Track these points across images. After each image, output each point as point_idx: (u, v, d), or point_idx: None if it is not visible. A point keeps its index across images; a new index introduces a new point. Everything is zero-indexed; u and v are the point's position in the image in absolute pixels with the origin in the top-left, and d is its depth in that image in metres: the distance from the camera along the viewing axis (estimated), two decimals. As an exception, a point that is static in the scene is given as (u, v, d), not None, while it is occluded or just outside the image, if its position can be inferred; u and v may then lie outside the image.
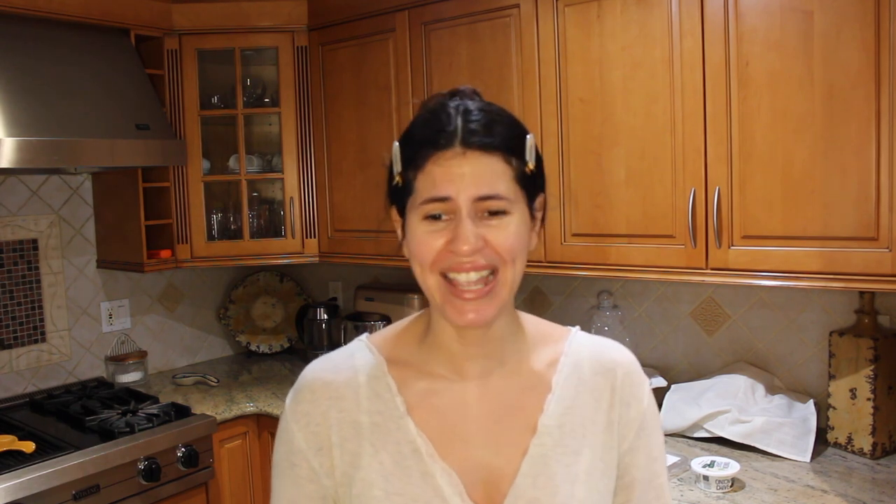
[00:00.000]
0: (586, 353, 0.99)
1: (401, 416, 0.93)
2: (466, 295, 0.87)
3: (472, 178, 0.86)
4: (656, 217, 2.02)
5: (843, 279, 1.74)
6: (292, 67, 2.80)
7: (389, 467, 0.91)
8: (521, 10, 2.22)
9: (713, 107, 1.89)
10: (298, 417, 0.95)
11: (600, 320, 2.45)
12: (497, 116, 0.91)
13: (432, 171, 0.87)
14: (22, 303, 2.68)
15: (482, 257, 0.87)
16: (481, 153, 0.87)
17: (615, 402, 0.97)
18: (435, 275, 0.89)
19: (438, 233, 0.88)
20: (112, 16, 2.54)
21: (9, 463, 2.04)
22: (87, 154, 2.28)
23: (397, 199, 0.93)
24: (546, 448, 0.92)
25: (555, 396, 0.95)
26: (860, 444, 1.94)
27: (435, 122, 0.90)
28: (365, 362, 0.97)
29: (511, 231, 0.89)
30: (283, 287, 3.39)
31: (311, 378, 0.97)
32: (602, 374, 0.98)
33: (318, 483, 0.94)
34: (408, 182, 0.90)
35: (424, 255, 0.89)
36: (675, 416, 2.15)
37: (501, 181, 0.88)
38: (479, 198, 0.86)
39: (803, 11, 1.74)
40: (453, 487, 0.89)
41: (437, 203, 0.87)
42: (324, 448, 0.93)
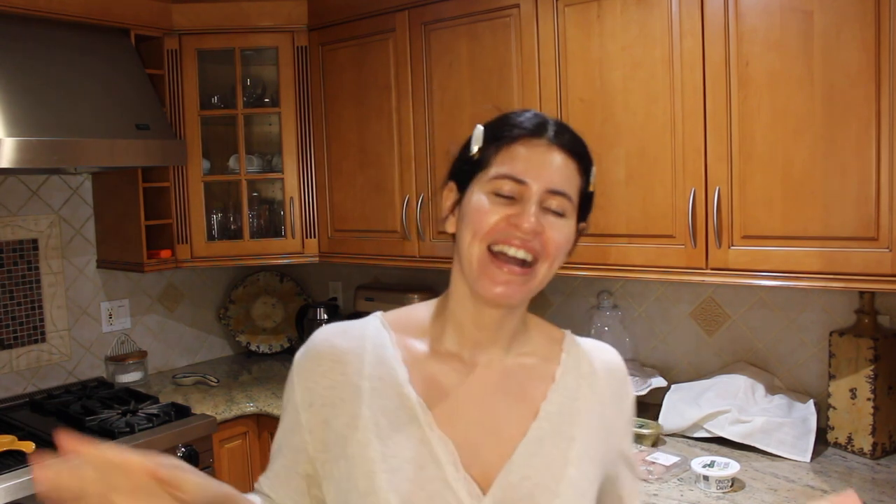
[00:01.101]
0: (584, 352, 1.07)
1: (401, 384, 0.97)
2: (506, 268, 0.92)
3: (552, 170, 0.93)
4: (656, 217, 2.02)
5: (843, 279, 1.74)
6: (292, 67, 2.80)
7: (386, 430, 0.94)
8: (521, 10, 2.22)
9: (713, 107, 1.90)
10: (300, 371, 1.01)
11: (600, 320, 2.45)
12: (582, 140, 0.99)
13: (517, 151, 0.93)
14: (22, 303, 2.68)
15: (535, 241, 0.92)
16: (565, 154, 0.95)
17: (611, 400, 1.05)
18: (483, 245, 0.93)
19: (501, 209, 0.92)
20: (112, 16, 2.54)
21: (9, 463, 2.03)
22: (87, 154, 2.28)
23: (463, 174, 0.98)
24: (544, 432, 0.97)
25: (557, 387, 1.01)
26: (860, 444, 1.94)
27: (530, 116, 0.97)
28: (375, 333, 1.02)
29: (564, 232, 0.96)
30: (283, 287, 3.39)
31: (321, 338, 1.02)
32: (599, 372, 1.05)
33: (299, 436, 0.99)
34: (485, 157, 0.95)
35: (481, 223, 0.92)
36: (675, 416, 2.15)
37: (572, 185, 0.95)
38: (551, 190, 0.93)
39: (803, 11, 1.74)
40: (448, 456, 0.93)
41: (512, 182, 0.92)
42: (315, 405, 0.98)
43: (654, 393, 2.30)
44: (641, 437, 2.09)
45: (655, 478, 1.86)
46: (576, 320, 2.60)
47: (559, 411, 0.99)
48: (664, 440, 2.13)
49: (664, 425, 2.15)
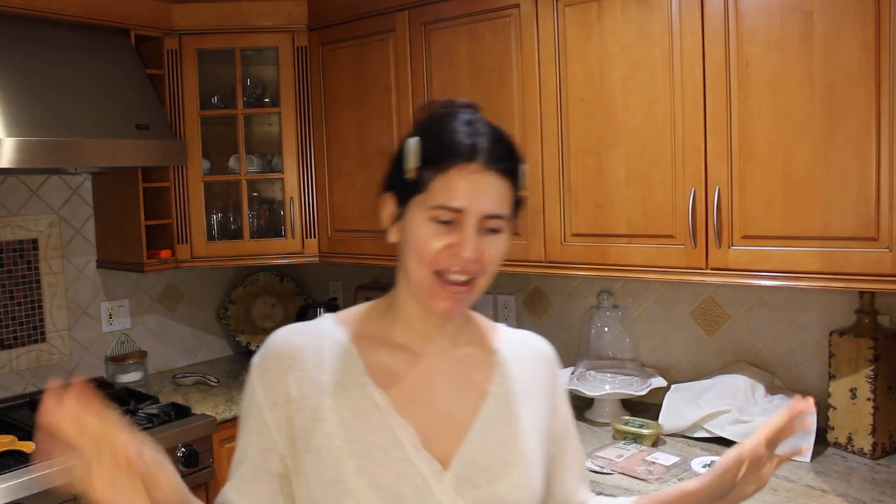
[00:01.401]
0: (518, 341, 1.18)
1: (361, 375, 1.04)
2: (450, 288, 0.99)
3: (486, 196, 0.98)
4: (656, 217, 2.02)
5: (843, 279, 1.74)
6: (292, 67, 2.80)
7: (350, 419, 1.00)
8: (521, 10, 2.22)
9: (713, 106, 1.90)
10: (262, 373, 1.04)
11: (600, 320, 2.45)
12: (511, 143, 1.03)
13: (453, 180, 0.97)
14: (22, 303, 2.67)
15: (474, 266, 0.99)
16: (498, 175, 0.99)
17: (547, 381, 1.16)
18: (428, 270, 0.99)
19: (441, 236, 0.98)
20: (112, 16, 2.54)
21: (9, 463, 2.03)
22: (87, 154, 2.28)
23: (400, 190, 1.02)
24: (493, 410, 1.07)
25: (500, 370, 1.11)
26: (860, 444, 1.94)
27: (465, 133, 0.99)
28: (330, 332, 1.08)
29: (500, 248, 1.02)
30: (283, 287, 3.39)
31: (278, 339, 1.06)
32: (534, 358, 1.17)
33: (267, 435, 1.02)
34: (422, 180, 0.99)
35: (425, 252, 0.98)
36: (675, 416, 2.15)
37: (504, 204, 1.00)
38: (487, 216, 0.98)
39: (803, 11, 1.74)
40: (409, 438, 1.00)
41: (449, 211, 0.97)
42: (279, 402, 1.02)
43: (654, 393, 2.30)
44: (641, 437, 2.09)
45: (655, 478, 1.86)
46: (576, 320, 2.60)
47: (503, 392, 1.09)
48: (664, 440, 2.13)
49: (664, 425, 2.15)
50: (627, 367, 2.37)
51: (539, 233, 2.25)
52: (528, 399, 1.11)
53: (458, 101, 1.06)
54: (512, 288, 2.78)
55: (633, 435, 2.11)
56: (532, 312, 2.74)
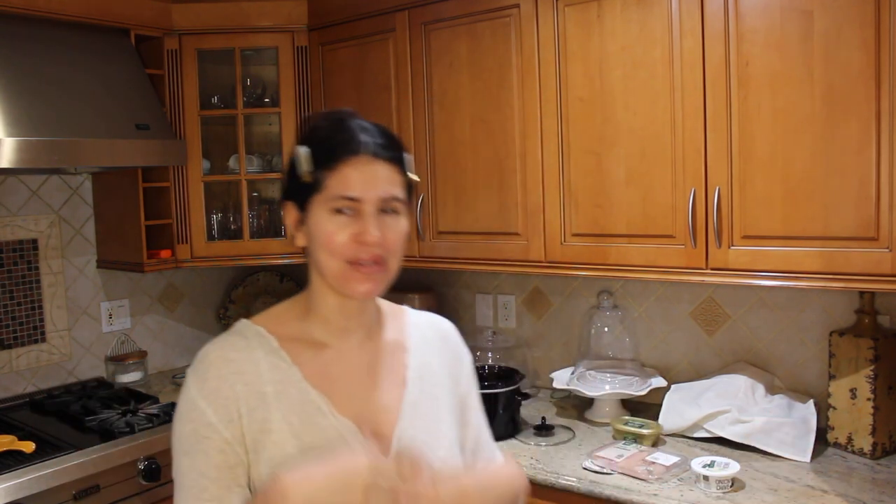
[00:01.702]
0: (424, 323, 1.27)
1: (299, 381, 1.09)
2: (364, 269, 1.08)
3: (379, 182, 1.07)
4: (656, 217, 2.02)
5: (843, 279, 1.74)
6: (292, 67, 2.80)
7: (298, 426, 1.05)
8: (521, 9, 2.22)
9: (713, 107, 1.90)
10: (207, 394, 1.05)
11: (600, 320, 2.45)
12: (391, 135, 1.13)
13: (346, 172, 1.06)
14: (22, 303, 2.67)
15: (379, 249, 1.07)
16: (385, 163, 1.08)
17: (452, 358, 1.25)
18: (340, 261, 1.07)
19: (345, 227, 1.06)
20: (112, 16, 2.54)
21: (9, 463, 2.03)
22: (87, 154, 2.28)
23: (299, 195, 1.10)
24: (415, 396, 1.16)
25: (412, 356, 1.20)
26: (860, 444, 1.94)
27: (346, 132, 1.09)
28: (258, 341, 1.11)
29: (402, 227, 1.11)
30: (283, 287, 3.39)
31: (213, 357, 1.10)
32: (440, 339, 1.26)
33: (231, 452, 1.04)
34: (317, 181, 1.07)
35: (332, 244, 1.07)
36: (675, 416, 2.15)
37: (398, 187, 1.10)
38: (382, 199, 1.07)
39: (803, 11, 1.74)
40: (352, 434, 1.07)
41: (347, 201, 1.06)
42: (233, 419, 1.04)
43: (654, 393, 2.30)
44: (641, 437, 2.09)
45: (655, 478, 1.86)
46: (576, 320, 2.60)
47: (420, 376, 1.18)
48: (664, 440, 2.13)
49: (664, 425, 2.15)
50: (627, 367, 2.36)
51: (539, 233, 2.25)
52: (441, 380, 1.21)
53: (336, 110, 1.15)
54: (512, 288, 2.78)
55: (633, 435, 2.11)
56: (532, 312, 2.74)
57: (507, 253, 2.33)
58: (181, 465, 1.05)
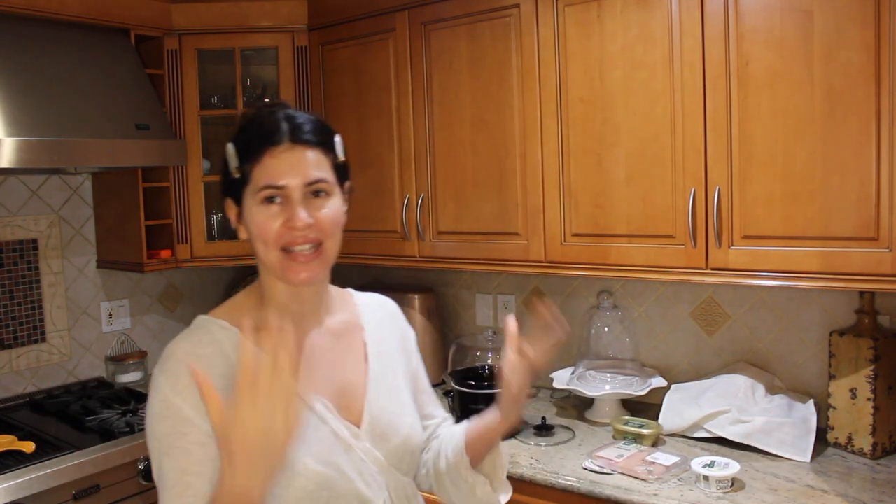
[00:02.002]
0: (372, 302, 1.35)
1: None
2: (301, 259, 1.11)
3: (302, 167, 1.10)
4: (656, 217, 2.02)
5: (843, 279, 1.74)
6: (292, 67, 2.80)
7: None
8: (521, 10, 2.22)
9: (713, 106, 1.89)
10: (181, 389, 1.06)
11: (600, 320, 2.45)
12: (315, 119, 1.16)
13: (267, 162, 1.10)
14: (22, 303, 2.67)
15: (312, 232, 1.10)
16: (306, 147, 1.11)
17: (401, 335, 1.35)
18: (276, 250, 1.11)
19: (275, 215, 1.10)
20: (112, 16, 2.54)
21: (9, 463, 2.03)
22: (87, 154, 2.28)
23: (233, 191, 1.15)
24: (377, 370, 1.24)
25: (368, 333, 1.28)
26: (860, 444, 1.94)
27: (266, 124, 1.12)
28: (223, 334, 1.13)
29: (333, 211, 1.13)
30: (283, 287, 3.39)
31: (182, 354, 1.10)
32: (387, 315, 1.35)
33: (210, 445, 1.02)
34: (245, 174, 1.12)
35: (266, 234, 1.10)
36: (675, 416, 2.15)
37: (323, 169, 1.13)
38: (307, 183, 1.10)
39: (803, 11, 1.74)
40: (327, 411, 1.14)
41: (273, 189, 1.09)
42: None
43: (654, 393, 2.30)
44: (641, 437, 2.09)
45: (655, 478, 1.86)
46: (576, 320, 2.60)
47: (378, 352, 1.26)
48: (664, 440, 2.13)
49: (664, 425, 2.15)
50: (627, 367, 2.36)
51: (539, 233, 2.25)
52: (396, 353, 1.30)
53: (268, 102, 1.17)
54: (512, 288, 2.78)
55: (633, 435, 2.11)
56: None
57: (507, 253, 2.33)
58: (163, 467, 1.05)
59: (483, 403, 2.22)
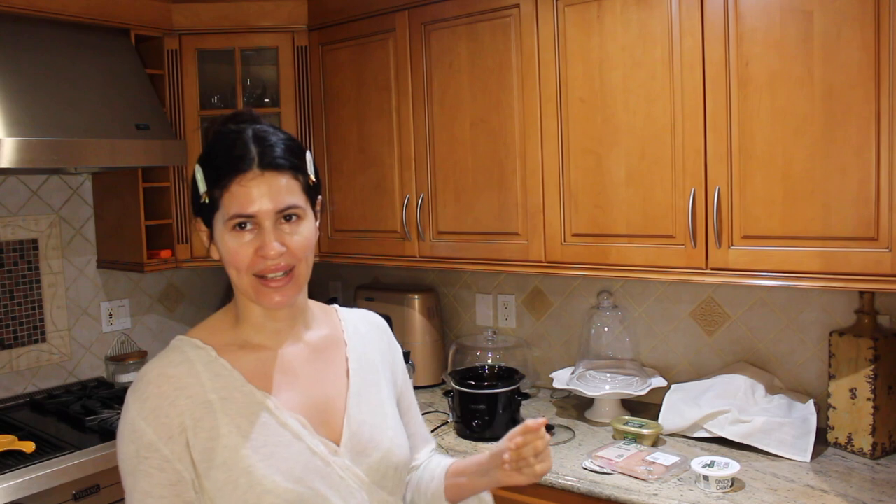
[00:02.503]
0: (357, 318, 1.32)
1: (243, 384, 1.11)
2: (273, 284, 1.10)
3: (271, 196, 1.07)
4: (656, 217, 2.02)
5: (843, 279, 1.74)
6: (292, 67, 2.80)
7: (247, 428, 1.07)
8: (521, 10, 2.22)
9: (713, 107, 1.90)
10: (146, 414, 1.06)
11: (600, 320, 2.45)
12: (285, 140, 1.13)
13: (236, 191, 1.07)
14: (22, 303, 2.68)
15: (283, 260, 1.09)
16: (276, 173, 1.08)
17: (386, 349, 1.33)
18: (249, 276, 1.10)
19: (247, 243, 1.08)
20: (112, 16, 2.54)
21: (9, 463, 2.04)
22: (87, 154, 2.28)
23: (203, 213, 1.13)
24: (358, 386, 1.21)
25: (350, 348, 1.25)
26: (860, 444, 1.94)
27: (234, 148, 1.09)
28: (195, 353, 1.12)
29: (304, 237, 1.12)
30: (283, 287, 3.38)
31: (153, 376, 1.09)
32: (373, 331, 1.32)
33: (171, 470, 1.05)
34: (213, 200, 1.09)
35: (238, 262, 1.09)
36: (675, 416, 2.15)
37: (293, 194, 1.10)
38: (278, 210, 1.08)
39: (803, 11, 1.74)
40: (303, 428, 1.11)
41: (244, 218, 1.07)
42: (174, 436, 1.05)
43: (654, 393, 2.30)
44: (641, 437, 2.09)
45: (655, 478, 1.86)
46: (576, 320, 2.60)
47: (360, 366, 1.24)
48: (664, 440, 2.13)
49: (664, 425, 2.15)
50: (627, 367, 2.37)
51: (539, 233, 2.25)
52: (379, 368, 1.27)
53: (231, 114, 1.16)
54: (512, 288, 2.78)
55: (633, 435, 2.11)
56: (532, 312, 2.74)
57: (507, 253, 2.33)
58: (127, 485, 1.08)
59: (483, 403, 2.22)
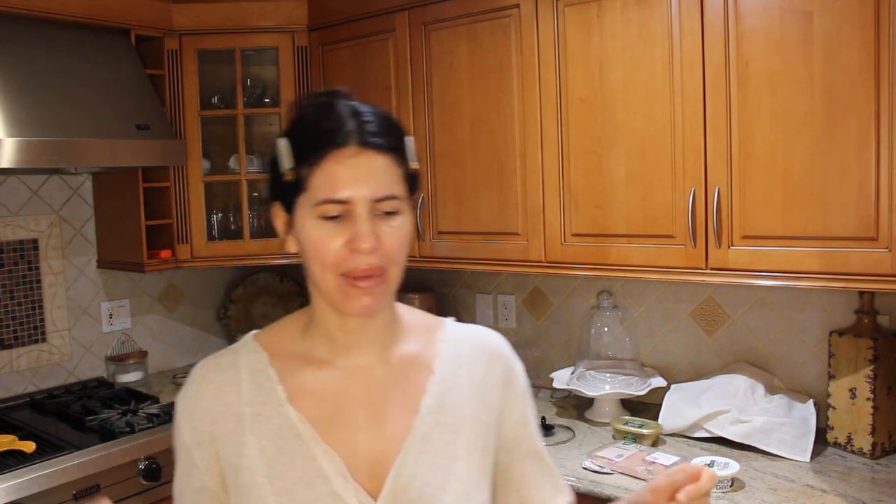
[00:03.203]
0: (464, 339, 1.05)
1: (281, 403, 0.96)
2: (363, 285, 0.91)
3: (370, 178, 0.90)
4: (656, 217, 2.02)
5: (843, 279, 1.74)
6: (292, 67, 2.80)
7: (272, 453, 0.94)
8: (521, 10, 2.22)
9: (713, 107, 1.90)
10: (184, 413, 1.00)
11: (600, 320, 2.45)
12: (386, 117, 0.95)
13: (330, 168, 0.90)
14: (22, 303, 2.67)
15: (376, 257, 0.91)
16: (377, 153, 0.91)
17: (495, 384, 1.03)
18: (334, 274, 0.92)
19: (336, 233, 0.90)
20: (112, 16, 2.54)
21: (9, 463, 2.03)
22: (87, 154, 2.28)
23: (284, 196, 0.95)
24: (428, 427, 0.97)
25: (436, 378, 1.00)
26: (860, 444, 1.94)
27: (329, 119, 0.92)
28: (248, 358, 1.00)
29: (403, 233, 0.93)
30: (283, 287, 3.39)
31: (196, 376, 1.01)
32: (480, 358, 1.04)
33: (197, 476, 0.98)
34: (300, 179, 0.92)
35: (324, 256, 0.91)
36: (675, 416, 2.15)
37: (393, 181, 0.92)
38: (376, 199, 0.90)
39: (803, 11, 1.74)
40: (336, 468, 0.93)
41: (335, 204, 0.90)
42: (204, 442, 0.98)
43: (654, 393, 2.30)
44: (641, 437, 2.09)
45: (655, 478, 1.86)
46: (576, 320, 2.60)
47: (440, 404, 0.99)
48: (664, 440, 2.14)
49: (664, 425, 2.15)
50: (627, 367, 2.37)
51: (539, 233, 2.25)
52: (471, 410, 1.00)
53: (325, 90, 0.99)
54: (512, 288, 2.78)
55: (633, 435, 2.11)
56: (532, 312, 2.74)
57: (507, 253, 2.33)
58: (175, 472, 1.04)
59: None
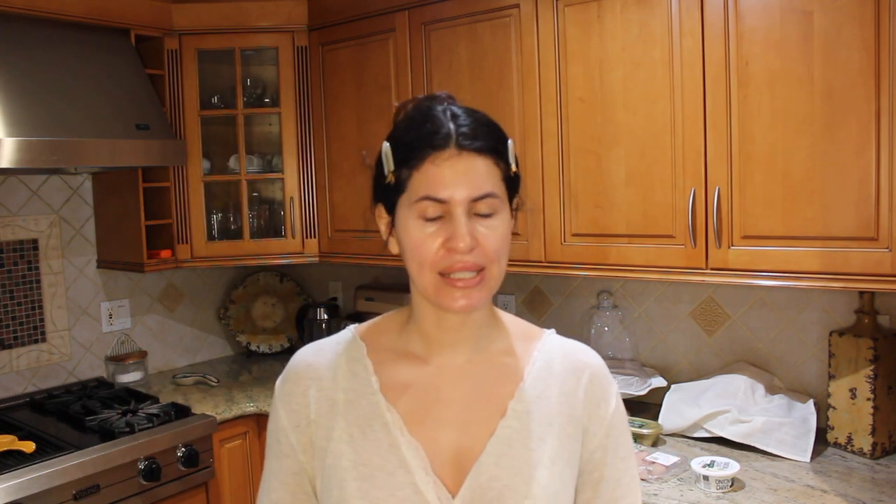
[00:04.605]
0: (559, 353, 1.06)
1: (373, 392, 1.00)
2: (459, 284, 0.94)
3: (468, 179, 0.92)
4: (656, 217, 2.02)
5: (843, 279, 1.74)
6: (292, 67, 2.80)
7: (358, 439, 0.98)
8: (521, 10, 2.22)
9: (713, 107, 1.90)
10: (283, 396, 1.04)
11: (600, 320, 2.45)
12: (485, 121, 0.97)
13: (429, 170, 0.92)
14: (22, 303, 2.68)
15: (474, 257, 0.93)
16: (475, 155, 0.93)
17: (584, 401, 1.03)
18: (433, 273, 0.95)
19: (434, 233, 0.93)
20: (112, 16, 2.54)
21: (9, 463, 2.04)
22: (87, 154, 2.28)
23: (386, 198, 0.99)
24: (512, 430, 0.98)
25: (526, 385, 1.01)
26: (860, 444, 1.94)
27: (428, 123, 0.95)
28: (348, 347, 1.05)
29: (500, 233, 0.95)
30: (283, 287, 3.39)
31: (297, 361, 1.06)
32: (573, 372, 1.04)
33: (294, 458, 1.02)
34: (401, 181, 0.95)
35: (422, 255, 0.94)
36: (675, 416, 2.15)
37: (492, 181, 0.94)
38: (473, 199, 0.92)
39: (803, 11, 1.74)
40: (419, 460, 0.95)
41: (434, 203, 0.92)
42: (301, 426, 1.01)
43: (654, 393, 2.30)
44: (641, 437, 2.09)
45: (655, 478, 1.86)
46: (576, 320, 2.60)
47: (528, 410, 1.00)
48: (664, 440, 2.14)
49: (664, 425, 2.15)
50: (627, 367, 2.37)
51: (539, 233, 2.25)
52: (558, 418, 1.00)
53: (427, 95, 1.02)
54: (512, 288, 2.78)
55: (633, 435, 2.11)
56: (532, 312, 2.74)
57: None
58: (265, 460, 1.07)
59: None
